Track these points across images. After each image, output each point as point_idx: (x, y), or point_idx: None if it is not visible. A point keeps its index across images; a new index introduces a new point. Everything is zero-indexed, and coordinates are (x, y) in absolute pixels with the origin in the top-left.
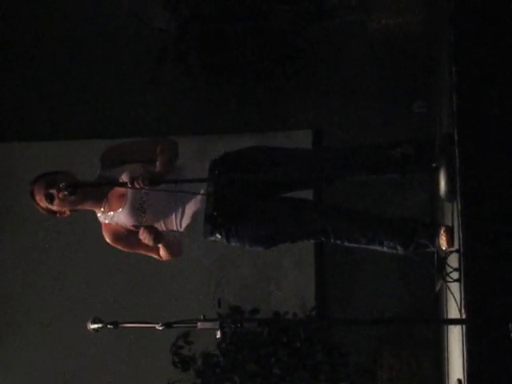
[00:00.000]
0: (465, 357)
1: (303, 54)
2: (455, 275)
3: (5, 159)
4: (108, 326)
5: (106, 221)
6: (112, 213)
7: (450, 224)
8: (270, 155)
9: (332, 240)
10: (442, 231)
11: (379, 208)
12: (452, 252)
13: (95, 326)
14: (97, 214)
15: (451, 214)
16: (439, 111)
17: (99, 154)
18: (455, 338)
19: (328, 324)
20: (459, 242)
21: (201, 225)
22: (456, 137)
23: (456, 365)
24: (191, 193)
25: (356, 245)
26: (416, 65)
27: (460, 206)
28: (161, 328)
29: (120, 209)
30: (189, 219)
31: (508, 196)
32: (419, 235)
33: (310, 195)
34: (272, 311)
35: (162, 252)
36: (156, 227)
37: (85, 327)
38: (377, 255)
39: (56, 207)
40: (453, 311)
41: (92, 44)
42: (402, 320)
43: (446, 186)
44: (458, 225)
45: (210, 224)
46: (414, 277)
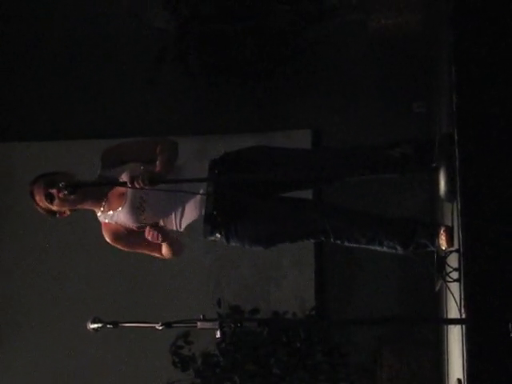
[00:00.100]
0: (464, 357)
1: (303, 54)
2: (455, 275)
3: (5, 159)
4: (108, 326)
5: (106, 220)
6: (112, 212)
7: (450, 224)
8: (270, 155)
9: (332, 240)
10: (442, 231)
11: (379, 208)
12: (452, 252)
13: (95, 326)
14: (96, 214)
15: (451, 214)
16: (439, 111)
17: (99, 154)
18: (455, 338)
19: (328, 324)
20: (459, 242)
21: (200, 224)
22: (456, 137)
23: (456, 365)
24: (191, 192)
25: (356, 245)
26: (416, 65)
27: (460, 206)
28: (160, 328)
29: (120, 208)
30: (188, 219)
31: (508, 196)
32: (419, 235)
33: (310, 195)
34: (272, 311)
35: (165, 250)
36: (161, 225)
37: (84, 327)
38: (376, 255)
39: (56, 207)
40: (453, 311)
41: (92, 44)
42: (402, 320)
43: (446, 186)
44: (458, 225)
45: (210, 224)
46: (414, 277)
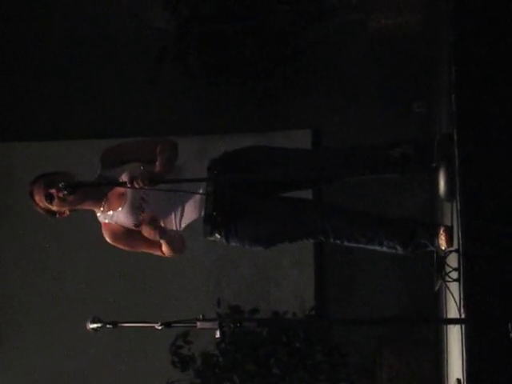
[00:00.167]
0: (464, 356)
1: (303, 54)
2: (454, 275)
3: (5, 159)
4: (107, 326)
5: (106, 220)
6: (111, 212)
7: (450, 224)
8: (270, 155)
9: (331, 240)
10: (442, 231)
11: (379, 208)
12: (451, 252)
13: (94, 326)
14: (96, 214)
15: (450, 214)
16: (439, 111)
17: (99, 154)
18: (454, 338)
19: (328, 324)
20: (458, 242)
21: (200, 224)
22: (455, 137)
23: (455, 365)
24: (190, 192)
25: (356, 245)
26: (416, 65)
27: (459, 206)
28: (160, 328)
29: (120, 208)
30: (188, 219)
31: (507, 196)
32: (419, 235)
33: (310, 195)
34: (271, 311)
35: (165, 248)
36: (158, 220)
37: (84, 327)
38: (376, 255)
39: (56, 207)
40: (452, 311)
41: (92, 44)
42: (402, 320)
43: (446, 186)
44: (458, 224)
45: (210, 224)
46: (414, 276)
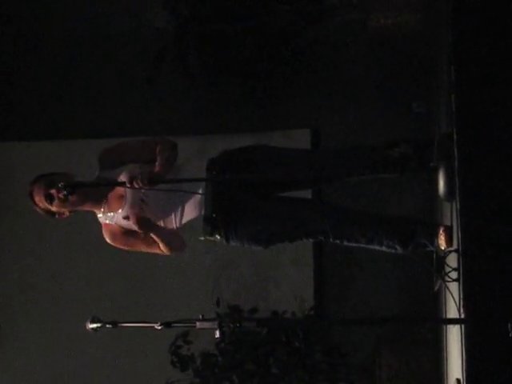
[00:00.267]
0: (464, 356)
1: (303, 54)
2: (454, 275)
3: (5, 159)
4: (107, 326)
5: (107, 221)
6: (112, 213)
7: (449, 223)
8: (270, 154)
9: (331, 240)
10: (441, 231)
11: (378, 207)
12: (451, 252)
13: (94, 326)
14: (97, 215)
15: (450, 214)
16: (438, 111)
17: (98, 154)
18: (454, 338)
19: (327, 324)
20: (458, 242)
21: (200, 223)
22: (455, 136)
23: (455, 364)
24: (190, 192)
25: (355, 244)
26: (415, 64)
27: (459, 206)
28: (159, 327)
29: (120, 210)
30: (188, 219)
31: (507, 196)
32: (418, 235)
33: (309, 195)
34: (271, 311)
35: (162, 246)
36: (148, 217)
37: (84, 327)
38: (376, 255)
39: (55, 208)
40: (452, 311)
41: (92, 44)
42: (401, 320)
43: (445, 186)
44: (457, 224)
45: (210, 225)
46: (413, 276)
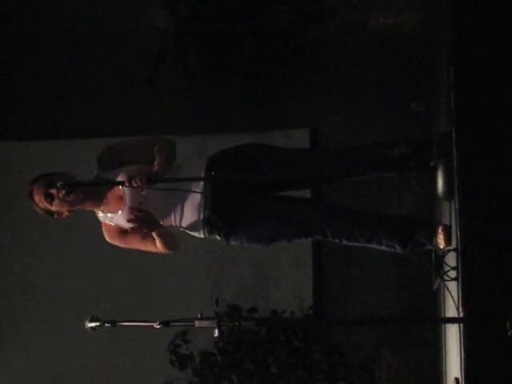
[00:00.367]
0: (462, 356)
1: (303, 54)
2: (453, 274)
3: (4, 159)
4: (106, 325)
5: (106, 221)
6: (111, 214)
7: (448, 223)
8: (270, 153)
9: (330, 239)
10: (440, 230)
11: (377, 207)
12: (450, 251)
13: (93, 325)
14: (97, 214)
15: (449, 213)
16: (438, 111)
17: (97, 154)
18: (453, 337)
19: (326, 323)
20: (457, 241)
21: (200, 224)
22: (454, 136)
23: (454, 364)
24: (189, 191)
25: (355, 244)
26: (415, 64)
27: (458, 205)
28: (158, 326)
29: (119, 211)
30: (188, 218)
31: (506, 195)
32: (417, 234)
33: (308, 195)
34: (270, 310)
35: (158, 244)
36: (151, 213)
37: (83, 326)
38: (375, 254)
39: (55, 207)
40: (450, 310)
41: (92, 44)
42: (400, 319)
43: (444, 185)
44: (456, 223)
45: (209, 225)
46: (412, 276)
